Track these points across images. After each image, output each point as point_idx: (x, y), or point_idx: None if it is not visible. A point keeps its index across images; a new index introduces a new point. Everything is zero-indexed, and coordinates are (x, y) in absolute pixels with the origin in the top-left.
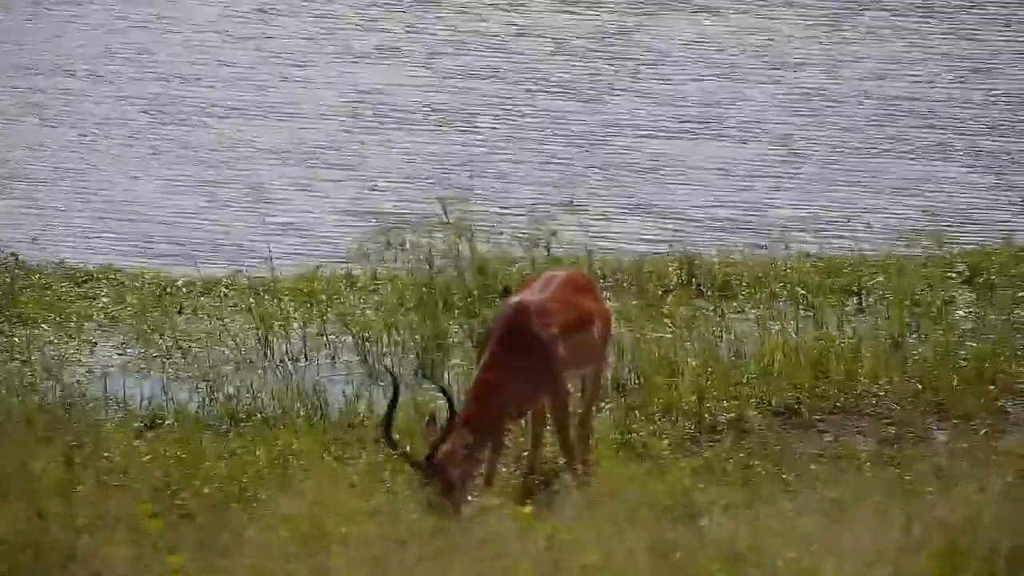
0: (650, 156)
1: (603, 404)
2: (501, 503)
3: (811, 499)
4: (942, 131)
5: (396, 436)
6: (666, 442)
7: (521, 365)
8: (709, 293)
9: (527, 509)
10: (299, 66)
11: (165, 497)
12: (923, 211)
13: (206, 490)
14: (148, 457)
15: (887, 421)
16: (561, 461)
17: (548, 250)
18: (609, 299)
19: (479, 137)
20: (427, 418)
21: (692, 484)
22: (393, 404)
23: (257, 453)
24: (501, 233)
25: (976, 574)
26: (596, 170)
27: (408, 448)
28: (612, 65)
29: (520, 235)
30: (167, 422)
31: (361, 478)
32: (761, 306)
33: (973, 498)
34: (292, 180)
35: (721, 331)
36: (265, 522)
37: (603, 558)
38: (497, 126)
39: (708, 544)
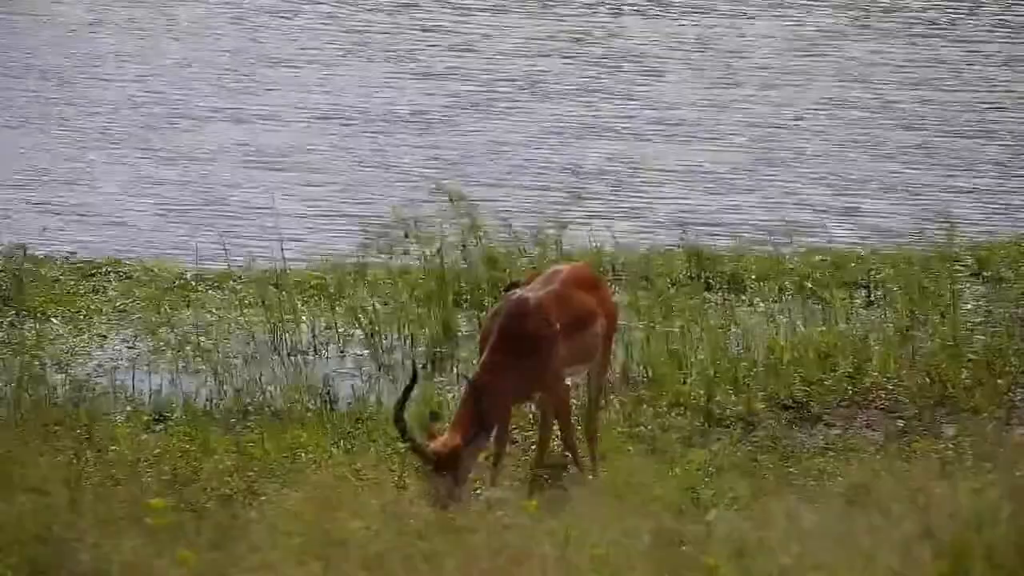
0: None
1: (612, 397)
2: (510, 497)
3: (818, 492)
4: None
5: (408, 423)
6: (674, 435)
7: (520, 361)
8: (717, 287)
9: (535, 502)
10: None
11: (173, 491)
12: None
13: (214, 484)
14: (157, 451)
15: (895, 414)
16: (566, 454)
17: (558, 244)
18: (617, 293)
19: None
20: (430, 412)
21: (699, 477)
22: (408, 391)
23: (266, 447)
24: (510, 226)
25: (984, 567)
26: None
27: (417, 438)
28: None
29: (528, 230)
30: (176, 416)
31: (370, 472)
32: (769, 300)
33: (981, 491)
34: (293, 179)
35: (729, 325)
36: (273, 516)
37: (610, 551)
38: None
39: (715, 537)
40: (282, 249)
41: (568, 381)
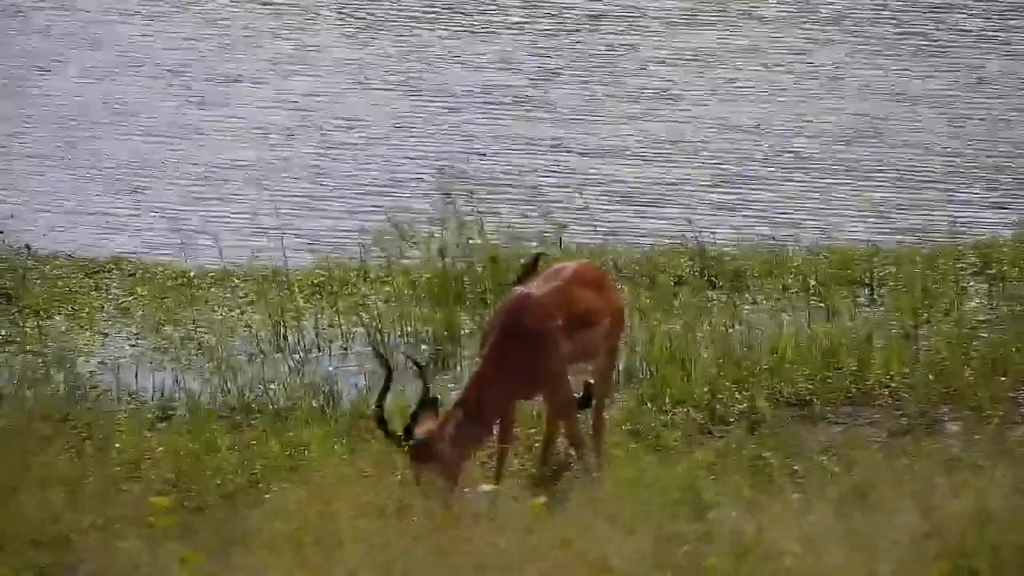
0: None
1: (616, 395)
2: (513, 495)
3: (822, 491)
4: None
5: (386, 416)
6: (677, 433)
7: (521, 357)
8: (721, 284)
9: (539, 501)
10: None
11: (176, 489)
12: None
13: (217, 482)
14: (160, 449)
15: (899, 412)
16: (573, 452)
17: (560, 241)
18: (621, 291)
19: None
20: (413, 407)
21: (703, 476)
22: (386, 387)
23: (269, 445)
24: (509, 226)
25: (987, 566)
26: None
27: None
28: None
29: (530, 228)
30: (179, 414)
31: (372, 470)
32: (773, 297)
33: (985, 489)
34: (298, 175)
35: (733, 322)
36: (276, 514)
37: (612, 550)
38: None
39: (717, 536)
40: (284, 247)
41: (570, 379)
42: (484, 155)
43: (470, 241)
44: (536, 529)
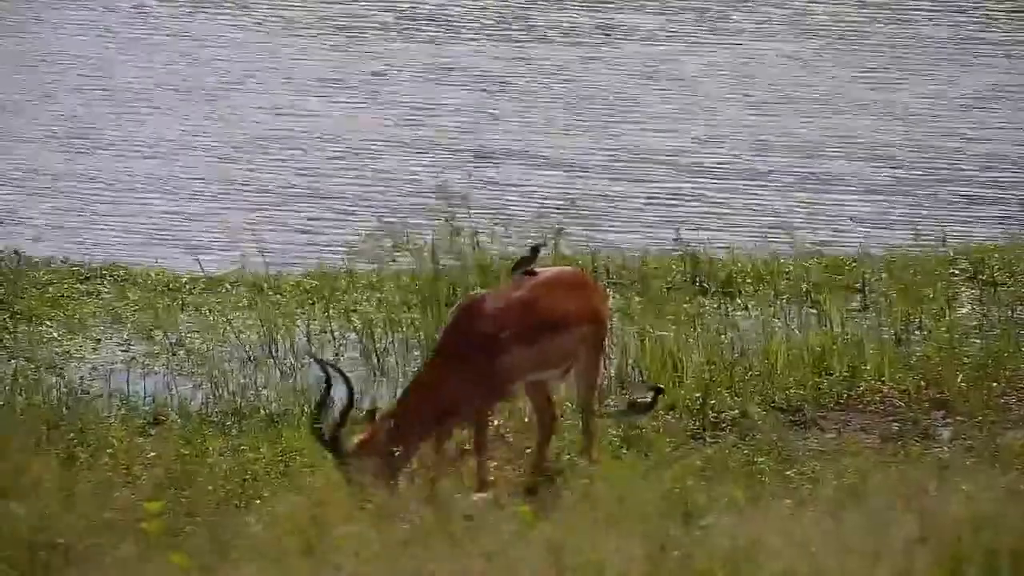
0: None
1: (608, 401)
2: (503, 501)
3: (814, 496)
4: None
5: (322, 426)
6: (669, 439)
7: (463, 363)
8: (713, 290)
9: (529, 508)
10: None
11: (168, 494)
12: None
13: (209, 487)
14: (151, 454)
15: (890, 418)
16: (564, 458)
17: (555, 247)
18: (613, 297)
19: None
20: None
21: (695, 481)
22: (325, 398)
23: (260, 450)
24: (504, 230)
25: (980, 572)
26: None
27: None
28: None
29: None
30: (170, 419)
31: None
32: (765, 303)
33: (976, 495)
34: (295, 179)
35: (725, 328)
36: (268, 520)
37: (604, 557)
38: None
39: (709, 542)
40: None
41: (515, 388)
42: (475, 165)
43: (462, 245)
44: (526, 536)
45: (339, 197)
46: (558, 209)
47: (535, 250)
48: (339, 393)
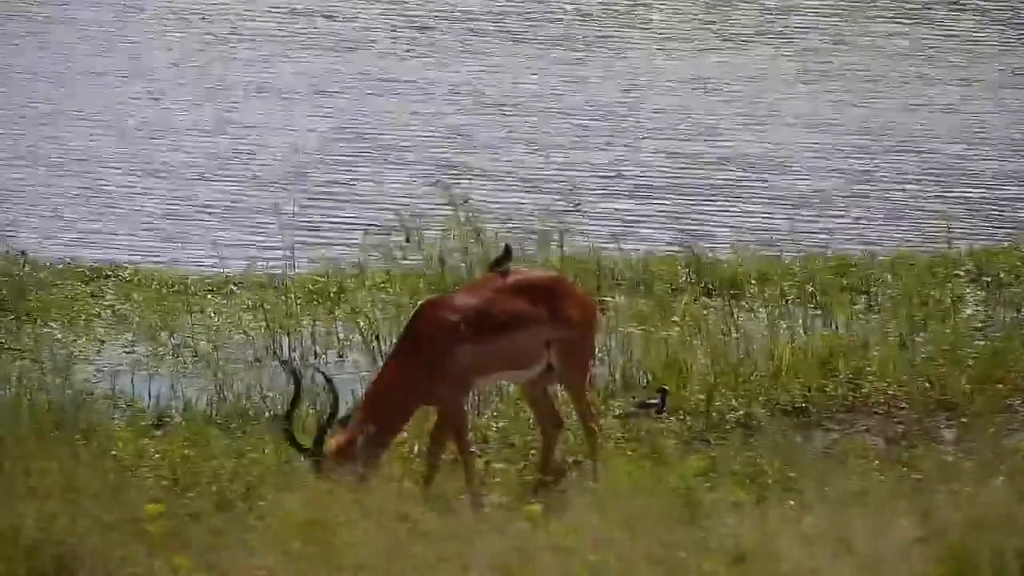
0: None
1: (612, 403)
2: (510, 502)
3: (818, 498)
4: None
5: (291, 428)
6: (674, 440)
7: (418, 362)
8: (717, 292)
9: (535, 508)
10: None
11: (173, 496)
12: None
13: (214, 488)
14: (156, 456)
15: (895, 420)
16: (571, 459)
17: (561, 247)
18: (615, 300)
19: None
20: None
21: (699, 483)
22: (296, 400)
23: (265, 452)
24: (508, 231)
25: (984, 574)
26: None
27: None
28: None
29: (528, 234)
30: (175, 420)
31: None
32: (770, 305)
33: (981, 497)
34: (297, 184)
35: (729, 330)
36: (272, 521)
37: (609, 557)
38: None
39: (714, 543)
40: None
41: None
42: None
43: (470, 244)
44: (532, 535)
45: (350, 194)
46: (558, 210)
47: (508, 249)
48: (325, 397)
